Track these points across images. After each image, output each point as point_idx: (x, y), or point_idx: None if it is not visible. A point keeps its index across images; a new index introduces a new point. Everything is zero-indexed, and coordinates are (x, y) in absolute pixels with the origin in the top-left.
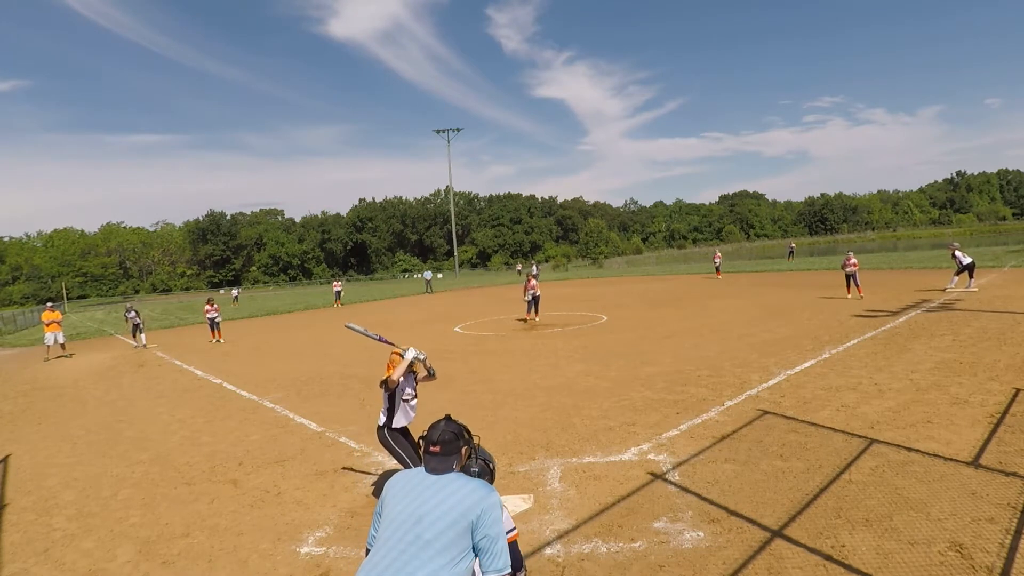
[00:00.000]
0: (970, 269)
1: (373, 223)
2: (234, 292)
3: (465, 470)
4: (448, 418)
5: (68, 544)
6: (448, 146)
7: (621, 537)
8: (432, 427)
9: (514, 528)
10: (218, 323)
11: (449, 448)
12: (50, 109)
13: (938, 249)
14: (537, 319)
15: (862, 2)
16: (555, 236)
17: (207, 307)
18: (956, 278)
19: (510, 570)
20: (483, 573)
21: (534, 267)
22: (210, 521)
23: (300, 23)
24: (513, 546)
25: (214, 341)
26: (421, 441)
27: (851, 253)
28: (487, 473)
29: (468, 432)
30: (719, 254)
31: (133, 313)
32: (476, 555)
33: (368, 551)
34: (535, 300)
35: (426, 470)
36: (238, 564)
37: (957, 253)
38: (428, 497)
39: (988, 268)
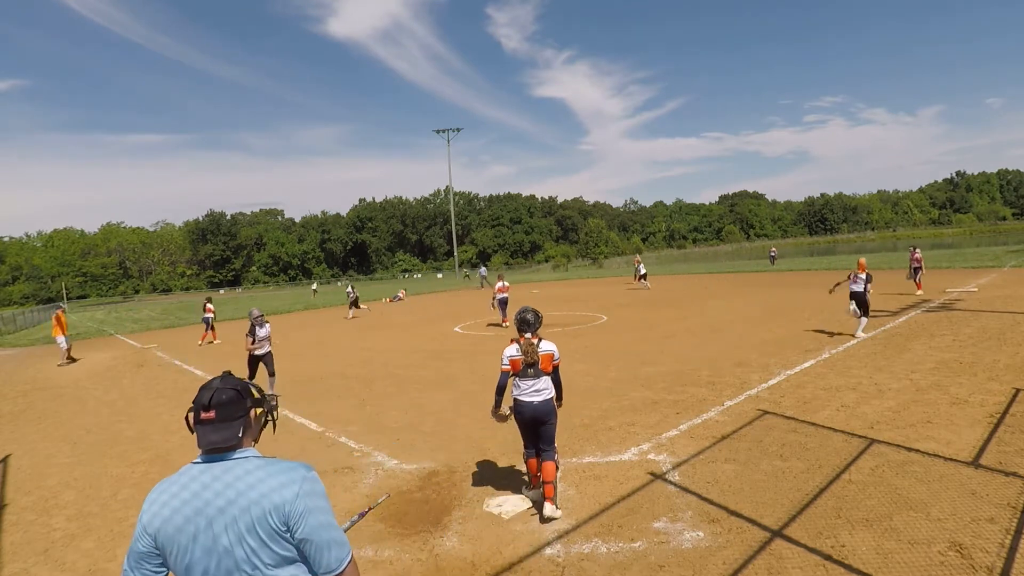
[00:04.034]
0: (643, 276)
1: (373, 223)
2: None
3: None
4: (226, 374)
5: (68, 544)
6: (448, 146)
7: (621, 537)
8: (202, 388)
9: (557, 356)
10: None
11: (228, 412)
12: (50, 109)
13: (938, 249)
14: (506, 324)
15: (863, 2)
16: (555, 236)
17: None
18: (644, 280)
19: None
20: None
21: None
22: None
23: (300, 22)
24: (555, 372)
25: (204, 343)
26: (189, 415)
27: (916, 248)
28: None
29: (258, 388)
30: (639, 258)
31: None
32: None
33: None
34: (503, 303)
35: (202, 452)
36: None
37: (640, 266)
38: (215, 498)
39: (988, 268)
